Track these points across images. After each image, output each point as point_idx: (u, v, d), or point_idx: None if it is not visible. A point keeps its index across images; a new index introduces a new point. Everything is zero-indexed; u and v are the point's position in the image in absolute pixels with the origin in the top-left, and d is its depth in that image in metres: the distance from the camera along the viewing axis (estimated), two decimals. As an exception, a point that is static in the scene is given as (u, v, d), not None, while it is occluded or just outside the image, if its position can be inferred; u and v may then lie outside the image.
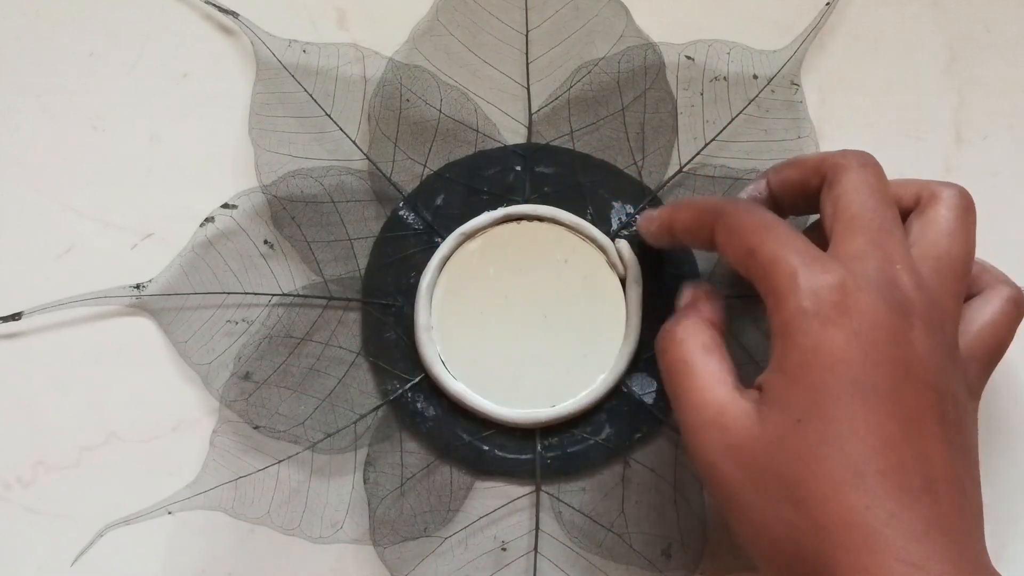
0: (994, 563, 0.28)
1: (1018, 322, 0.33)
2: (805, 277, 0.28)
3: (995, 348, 0.32)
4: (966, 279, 0.32)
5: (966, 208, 0.32)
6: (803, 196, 0.34)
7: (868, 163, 0.32)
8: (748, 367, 0.38)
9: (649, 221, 0.36)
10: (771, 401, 0.29)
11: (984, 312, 0.33)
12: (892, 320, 0.28)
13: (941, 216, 0.32)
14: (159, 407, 0.39)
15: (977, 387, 0.32)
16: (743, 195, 0.35)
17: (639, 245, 0.39)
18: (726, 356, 0.32)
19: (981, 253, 0.41)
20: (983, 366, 0.32)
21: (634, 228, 0.38)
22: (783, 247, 0.29)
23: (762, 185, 0.35)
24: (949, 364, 0.29)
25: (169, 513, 0.38)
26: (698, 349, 0.31)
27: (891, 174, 0.41)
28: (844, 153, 0.32)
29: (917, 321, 0.29)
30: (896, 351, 0.28)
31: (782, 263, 0.29)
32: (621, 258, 0.38)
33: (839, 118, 0.41)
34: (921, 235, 0.31)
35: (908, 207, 0.33)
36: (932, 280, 0.30)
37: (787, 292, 0.28)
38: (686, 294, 0.34)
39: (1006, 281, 0.34)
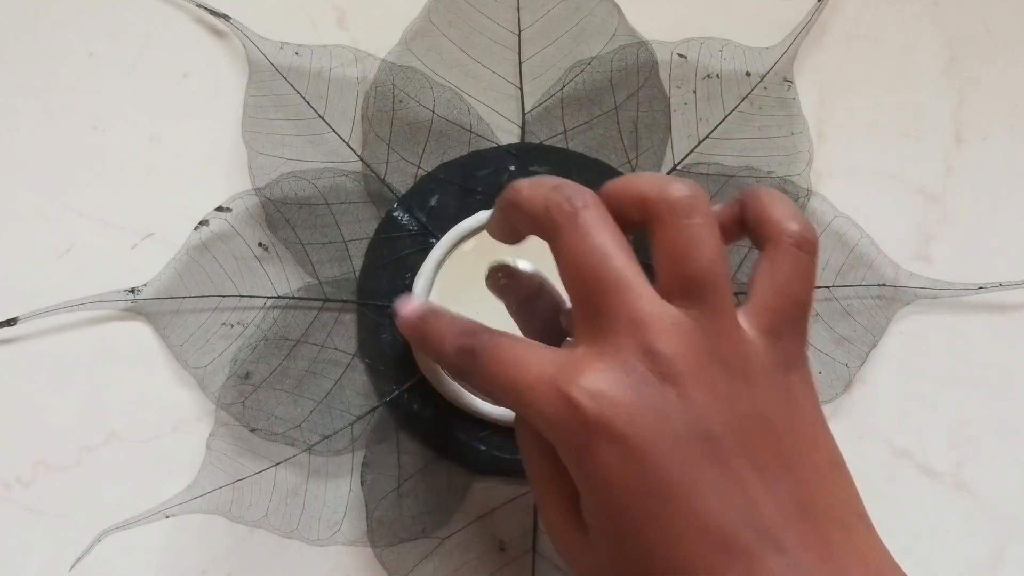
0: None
1: (812, 266, 0.28)
2: (551, 414, 0.26)
3: (796, 315, 0.28)
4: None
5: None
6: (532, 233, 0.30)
7: (582, 212, 0.27)
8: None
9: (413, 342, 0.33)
10: (592, 540, 0.28)
11: (773, 275, 0.28)
12: (648, 402, 0.25)
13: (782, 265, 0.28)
14: (159, 407, 0.39)
15: (793, 358, 0.28)
16: (487, 225, 0.32)
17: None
18: (561, 477, 0.29)
19: (979, 250, 0.41)
20: (790, 338, 0.28)
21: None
22: (518, 383, 0.27)
23: (498, 218, 0.31)
24: (732, 391, 0.26)
25: (167, 517, 0.38)
26: (532, 471, 0.30)
27: (892, 174, 0.41)
28: (559, 203, 0.28)
29: (681, 379, 0.26)
30: (664, 429, 0.25)
31: (528, 406, 0.26)
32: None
33: (839, 118, 0.41)
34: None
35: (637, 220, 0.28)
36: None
37: (550, 436, 0.26)
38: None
39: (784, 223, 0.28)
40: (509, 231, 0.31)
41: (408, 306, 0.31)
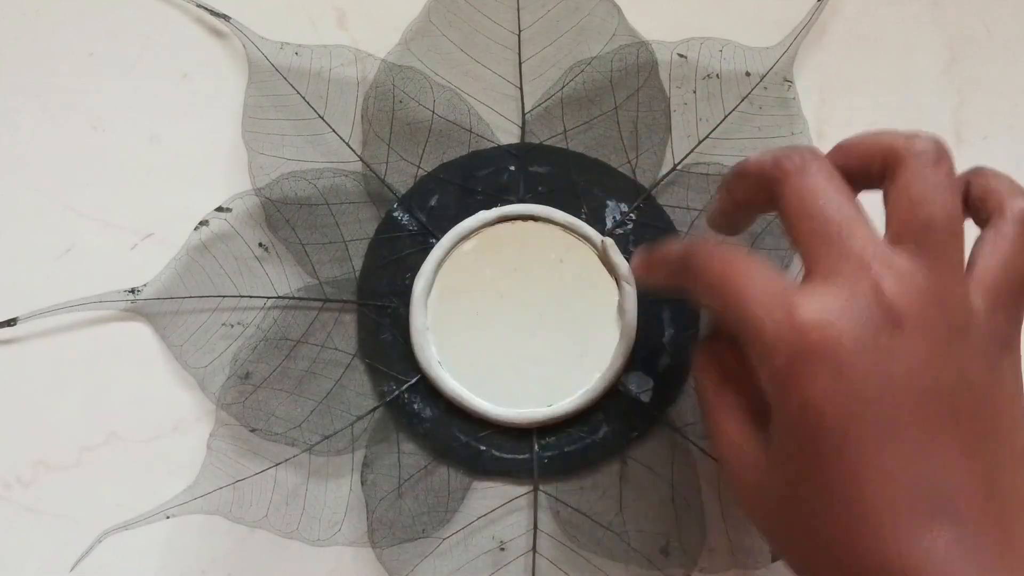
0: None
1: None
2: (771, 330, 0.26)
3: (1019, 286, 0.27)
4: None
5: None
6: (756, 204, 0.31)
7: (810, 163, 0.28)
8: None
9: (637, 272, 0.36)
10: (773, 458, 0.28)
11: (998, 247, 0.27)
12: (872, 340, 0.26)
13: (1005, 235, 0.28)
14: (159, 407, 0.39)
15: (1009, 336, 0.27)
16: (708, 217, 0.34)
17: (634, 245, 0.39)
18: (738, 391, 0.31)
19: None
20: (1010, 314, 0.27)
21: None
22: (745, 294, 0.27)
23: (723, 198, 0.32)
24: (953, 345, 0.26)
25: (168, 517, 0.38)
26: (711, 383, 0.31)
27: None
28: (789, 155, 0.28)
29: (906, 324, 0.26)
30: (879, 376, 0.26)
31: (748, 318, 0.27)
32: (609, 257, 0.38)
33: (839, 118, 0.41)
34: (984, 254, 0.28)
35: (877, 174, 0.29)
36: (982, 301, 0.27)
37: (759, 352, 0.27)
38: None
39: (1012, 198, 0.28)
40: (733, 209, 0.31)
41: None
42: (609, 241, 0.38)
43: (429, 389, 0.38)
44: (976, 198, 0.29)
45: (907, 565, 0.25)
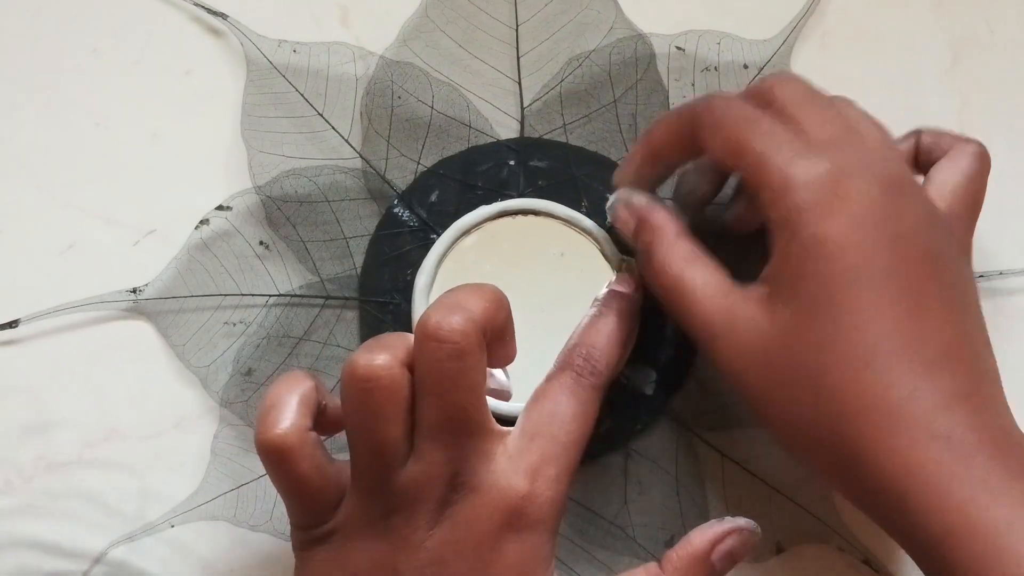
0: None
1: (987, 174, 0.34)
2: (797, 170, 0.29)
3: (973, 204, 0.33)
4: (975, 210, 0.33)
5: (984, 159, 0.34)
6: (679, 146, 0.33)
7: (722, 97, 0.32)
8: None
9: (627, 163, 0.35)
10: (777, 297, 0.29)
11: (956, 170, 0.33)
12: (883, 197, 0.29)
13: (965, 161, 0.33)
14: (161, 404, 0.39)
15: (965, 244, 0.33)
16: (616, 172, 0.36)
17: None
18: (710, 261, 0.32)
19: (984, 251, 0.41)
20: (966, 223, 0.33)
21: (610, 206, 0.36)
22: (770, 141, 0.30)
23: (642, 152, 0.35)
24: (936, 227, 0.30)
25: (172, 527, 0.38)
26: (681, 264, 0.32)
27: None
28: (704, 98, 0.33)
29: (905, 191, 0.30)
30: (891, 227, 0.29)
31: (772, 158, 0.29)
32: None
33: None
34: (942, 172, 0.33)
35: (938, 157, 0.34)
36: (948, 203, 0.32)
37: (781, 187, 0.29)
38: (627, 212, 0.34)
39: (967, 139, 0.34)
40: (650, 159, 0.35)
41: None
42: (628, 261, 0.38)
43: (432, 385, 0.38)
44: (928, 144, 0.34)
45: (914, 411, 0.27)
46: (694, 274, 0.31)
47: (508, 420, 0.38)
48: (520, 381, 0.38)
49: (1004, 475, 0.26)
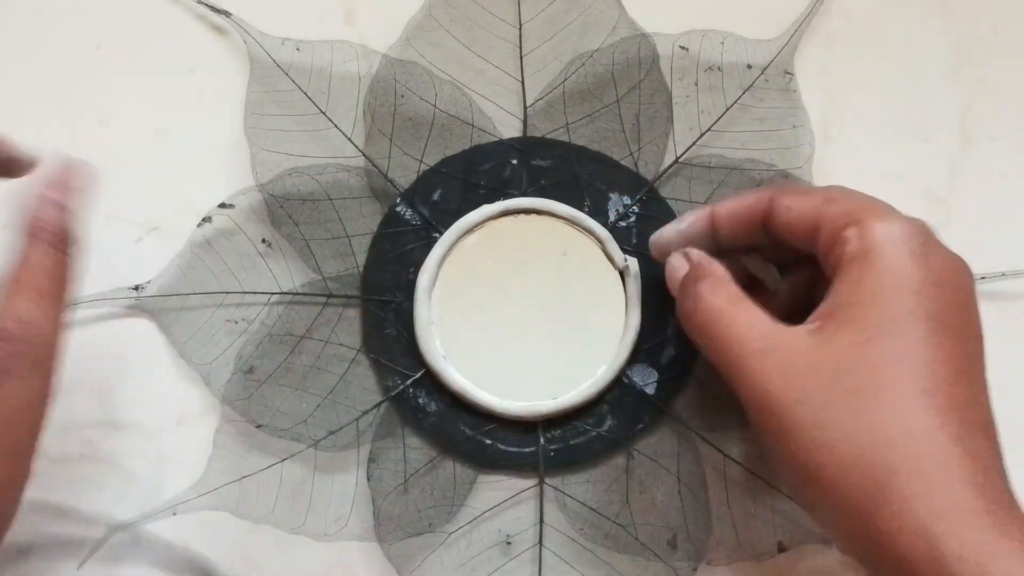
0: None
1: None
2: (893, 213, 0.30)
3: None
4: None
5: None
6: (748, 224, 0.34)
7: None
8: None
9: (689, 222, 0.36)
10: (840, 321, 0.29)
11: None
12: (961, 270, 0.30)
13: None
14: (163, 401, 0.39)
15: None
16: (682, 224, 0.36)
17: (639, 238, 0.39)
18: (756, 305, 0.32)
19: (985, 251, 0.41)
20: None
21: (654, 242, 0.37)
22: (862, 199, 0.31)
23: (704, 215, 0.35)
24: (977, 312, 0.31)
25: (174, 514, 0.38)
26: (727, 300, 0.32)
27: (897, 175, 0.41)
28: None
29: (972, 281, 0.30)
30: (964, 297, 0.30)
31: (868, 202, 0.31)
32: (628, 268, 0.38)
33: (845, 119, 0.41)
34: None
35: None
36: None
37: (876, 224, 0.30)
38: (684, 259, 0.35)
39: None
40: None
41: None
42: (633, 263, 0.38)
43: (434, 383, 0.38)
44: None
45: (959, 457, 0.27)
46: (740, 308, 0.31)
47: (509, 420, 0.38)
48: (524, 377, 0.38)
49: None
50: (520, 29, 0.41)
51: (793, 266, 0.36)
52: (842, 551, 0.36)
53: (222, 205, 0.39)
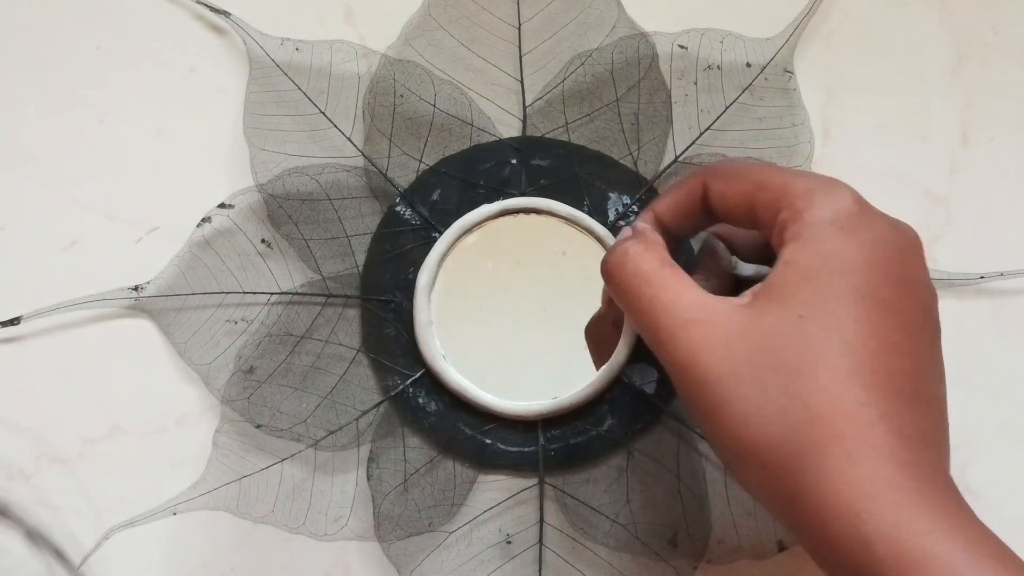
0: None
1: None
2: (823, 192, 0.30)
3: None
4: None
5: None
6: (691, 214, 0.33)
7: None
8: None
9: (635, 235, 0.34)
10: (774, 298, 0.29)
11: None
12: (898, 241, 0.29)
13: None
14: (162, 401, 0.39)
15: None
16: (631, 230, 0.34)
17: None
18: (687, 275, 0.31)
19: (985, 251, 0.41)
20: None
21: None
22: (794, 175, 0.30)
23: (648, 218, 0.34)
24: (932, 291, 0.30)
25: (174, 514, 0.38)
26: (656, 263, 0.31)
27: (897, 175, 0.41)
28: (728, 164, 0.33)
29: (917, 251, 0.30)
30: (901, 269, 0.29)
31: (798, 184, 0.30)
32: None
33: (845, 119, 0.41)
34: None
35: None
36: None
37: (805, 205, 0.29)
38: (629, 229, 0.34)
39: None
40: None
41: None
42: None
43: (434, 383, 0.38)
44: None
45: (887, 433, 0.27)
46: (670, 272, 0.31)
47: (509, 419, 0.38)
48: (524, 377, 0.38)
49: (955, 518, 0.26)
50: (519, 29, 0.41)
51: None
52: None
53: (222, 205, 0.39)
